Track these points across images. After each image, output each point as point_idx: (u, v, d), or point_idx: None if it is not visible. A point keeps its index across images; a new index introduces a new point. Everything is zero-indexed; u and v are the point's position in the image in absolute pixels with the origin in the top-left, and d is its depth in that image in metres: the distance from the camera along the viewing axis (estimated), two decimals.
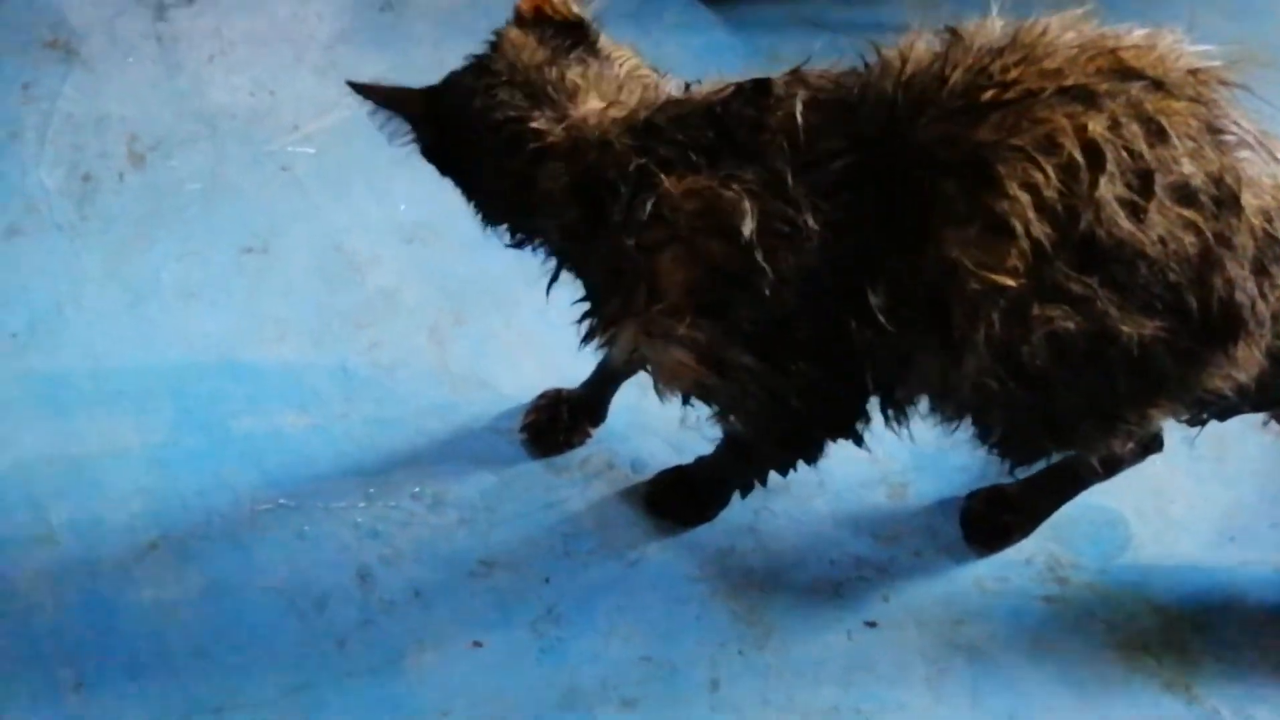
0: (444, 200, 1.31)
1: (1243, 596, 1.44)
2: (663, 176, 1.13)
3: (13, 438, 1.48)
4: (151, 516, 1.43)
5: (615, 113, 1.18)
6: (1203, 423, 1.32)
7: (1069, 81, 1.09)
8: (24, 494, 1.43)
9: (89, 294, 1.66)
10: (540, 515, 1.47)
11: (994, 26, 1.13)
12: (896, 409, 1.25)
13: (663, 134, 1.15)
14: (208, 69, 1.97)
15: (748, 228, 1.10)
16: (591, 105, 1.18)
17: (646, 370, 1.30)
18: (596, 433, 1.55)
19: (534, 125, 1.17)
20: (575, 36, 1.22)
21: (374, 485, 1.48)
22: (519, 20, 1.24)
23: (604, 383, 1.52)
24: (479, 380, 1.60)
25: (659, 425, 1.53)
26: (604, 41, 1.23)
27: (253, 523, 1.43)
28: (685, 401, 1.28)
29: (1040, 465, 1.38)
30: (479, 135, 1.20)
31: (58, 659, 1.29)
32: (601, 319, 1.24)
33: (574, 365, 1.48)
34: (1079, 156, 1.07)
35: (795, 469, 1.37)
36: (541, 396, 1.55)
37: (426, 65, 2.03)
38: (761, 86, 1.15)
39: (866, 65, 1.15)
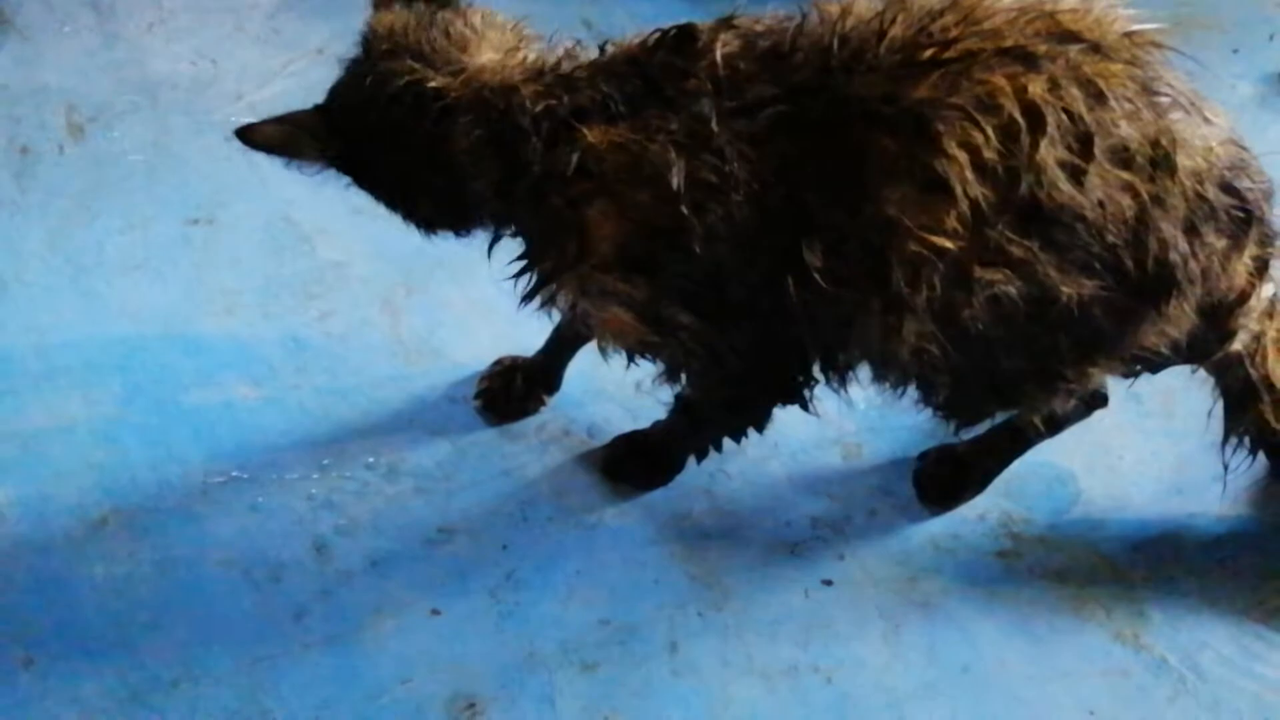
0: None
1: (1189, 547, 1.47)
2: (584, 128, 1.10)
3: None
4: (102, 491, 1.41)
5: (514, 60, 1.15)
6: (1136, 374, 1.34)
7: (1008, 42, 1.09)
8: None
9: (31, 269, 1.63)
10: (497, 482, 1.47)
11: None
12: (838, 373, 1.25)
13: (578, 84, 1.13)
14: (147, 38, 1.93)
15: (675, 179, 1.09)
16: (487, 56, 1.15)
17: (589, 331, 1.30)
18: (552, 400, 1.55)
19: (431, 84, 1.13)
20: (443, 14, 1.18)
21: (328, 456, 1.47)
22: (379, 4, 1.22)
23: (559, 350, 1.52)
24: (432, 349, 1.59)
25: (614, 391, 1.53)
26: (478, 6, 1.20)
27: (205, 496, 1.42)
28: (630, 360, 1.28)
29: (987, 424, 1.40)
30: (381, 119, 1.16)
31: (8, 637, 1.27)
32: (538, 277, 1.22)
33: (528, 333, 1.47)
34: (1019, 118, 1.07)
35: (746, 435, 1.38)
36: (496, 363, 1.55)
37: None
38: (686, 33, 1.13)
39: (804, 15, 1.14)
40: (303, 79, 1.92)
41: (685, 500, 1.47)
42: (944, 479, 1.49)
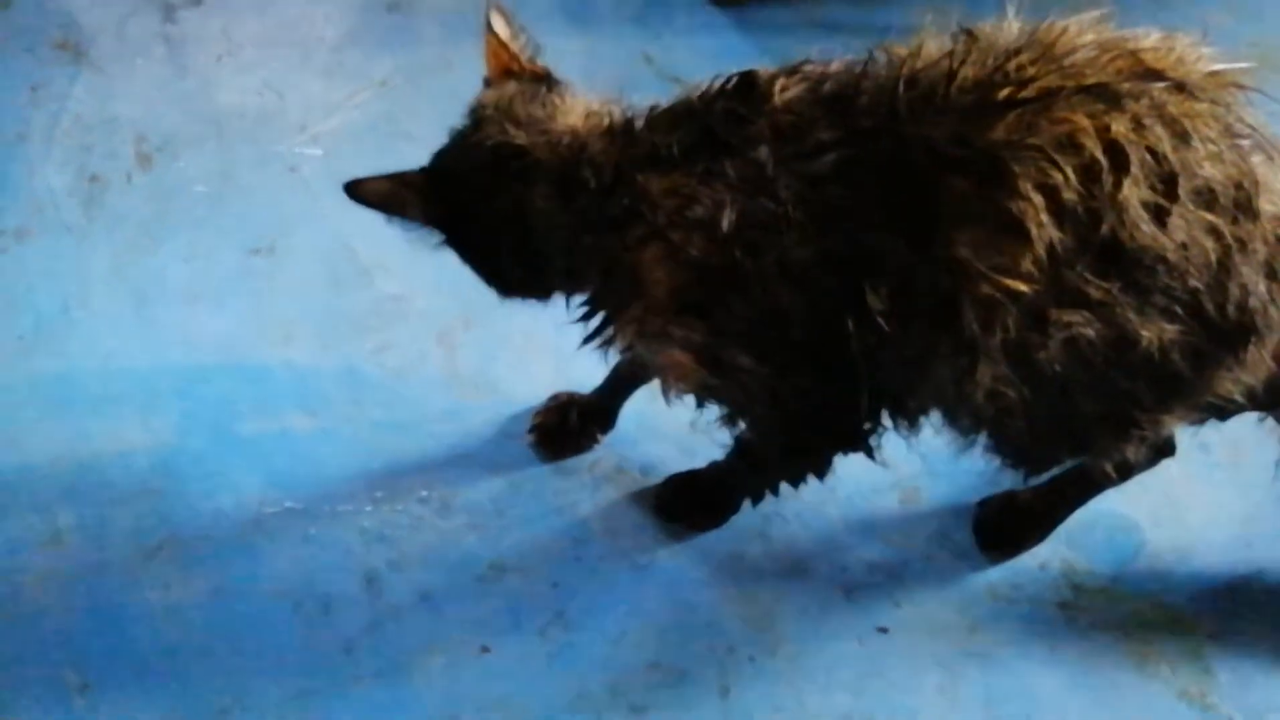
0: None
1: (1258, 602, 1.43)
2: (641, 176, 1.12)
3: (20, 439, 1.47)
4: (158, 518, 1.42)
5: (592, 122, 1.18)
6: (1204, 422, 1.31)
7: (1090, 80, 1.08)
8: (31, 495, 1.42)
9: (96, 295, 1.66)
10: (549, 519, 1.46)
11: (1011, 28, 1.12)
12: (909, 420, 1.23)
13: (640, 135, 1.15)
14: (215, 70, 1.97)
15: (726, 222, 1.09)
16: (571, 120, 1.19)
17: (652, 374, 1.30)
18: (606, 438, 1.54)
19: (516, 141, 1.16)
20: (545, 84, 1.22)
21: (381, 489, 1.47)
22: (490, 83, 1.25)
23: (617, 388, 1.51)
24: (488, 384, 1.59)
25: (669, 429, 1.52)
26: (573, 86, 1.24)
27: (259, 525, 1.42)
28: (699, 405, 1.27)
29: (1052, 471, 1.37)
30: (476, 181, 1.19)
31: (64, 661, 1.28)
32: (598, 320, 1.23)
33: (584, 370, 1.46)
34: (1101, 157, 1.05)
35: (805, 482, 1.36)
36: (552, 399, 1.54)
37: (434, 65, 2.05)
38: (747, 80, 1.13)
39: (871, 59, 1.13)
40: (366, 111, 1.95)
41: (739, 542, 1.45)
42: (1005, 526, 1.46)
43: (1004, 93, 1.07)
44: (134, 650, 1.30)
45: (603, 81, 2.03)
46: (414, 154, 1.88)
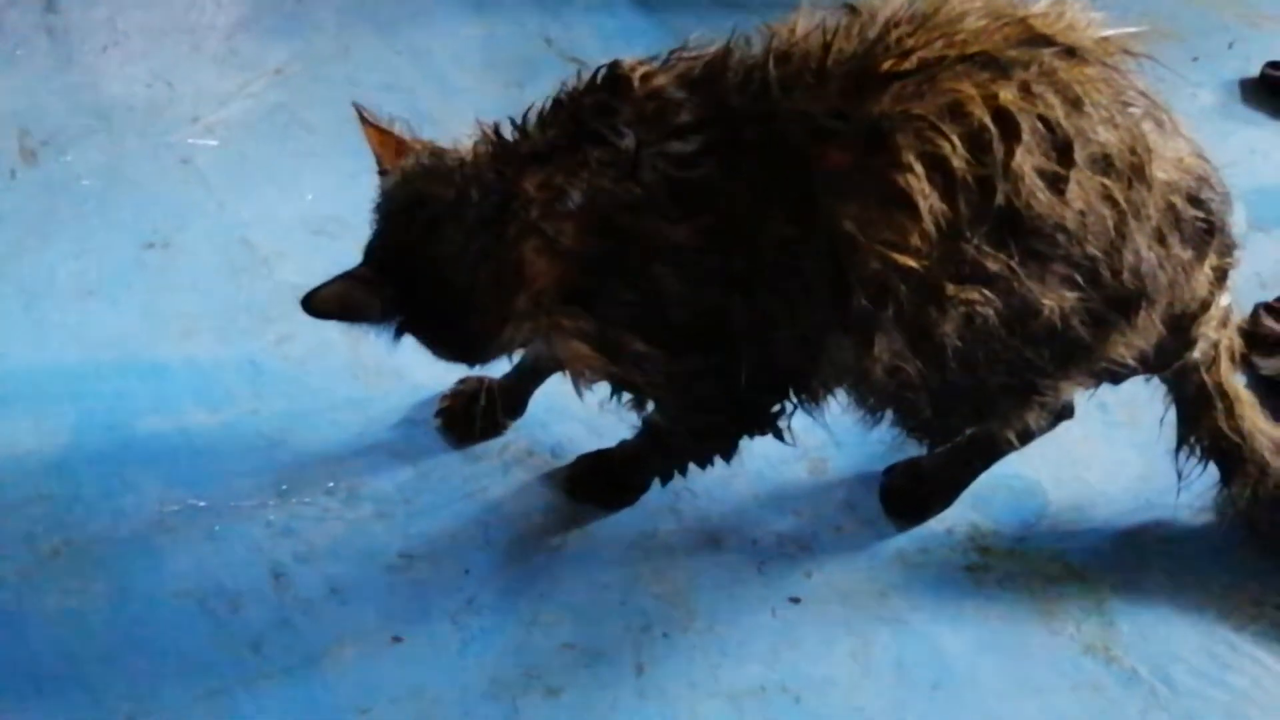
0: (353, 191, 1.29)
1: (1158, 557, 1.46)
2: (516, 175, 1.13)
3: None
4: (54, 521, 1.38)
5: (478, 147, 1.18)
6: (1098, 386, 1.34)
7: (973, 49, 1.08)
8: None
9: None
10: (459, 505, 1.45)
11: (896, 1, 1.12)
12: (814, 399, 1.24)
13: (516, 141, 1.16)
14: (102, 60, 1.91)
15: (589, 209, 1.10)
16: (459, 155, 1.19)
17: (560, 369, 1.30)
18: (514, 423, 1.52)
19: (419, 192, 1.16)
20: (430, 151, 1.22)
21: (286, 481, 1.45)
22: (384, 173, 1.25)
23: (526, 376, 1.50)
24: (393, 371, 1.57)
25: (578, 410, 1.49)
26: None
27: (161, 524, 1.39)
28: (612, 392, 1.27)
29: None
30: (404, 247, 1.18)
31: None
32: (495, 321, 1.22)
33: None
34: (990, 125, 1.06)
35: (712, 463, 1.36)
36: (460, 383, 1.52)
37: (331, 53, 2.02)
38: (613, 71, 1.14)
39: (739, 38, 1.13)
40: (260, 100, 1.91)
41: (650, 520, 1.45)
42: (911, 493, 1.48)
43: (885, 64, 1.07)
44: (32, 658, 1.27)
45: (504, 65, 2.02)
46: (312, 142, 1.86)
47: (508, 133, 1.18)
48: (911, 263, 1.07)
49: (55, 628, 1.29)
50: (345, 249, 1.28)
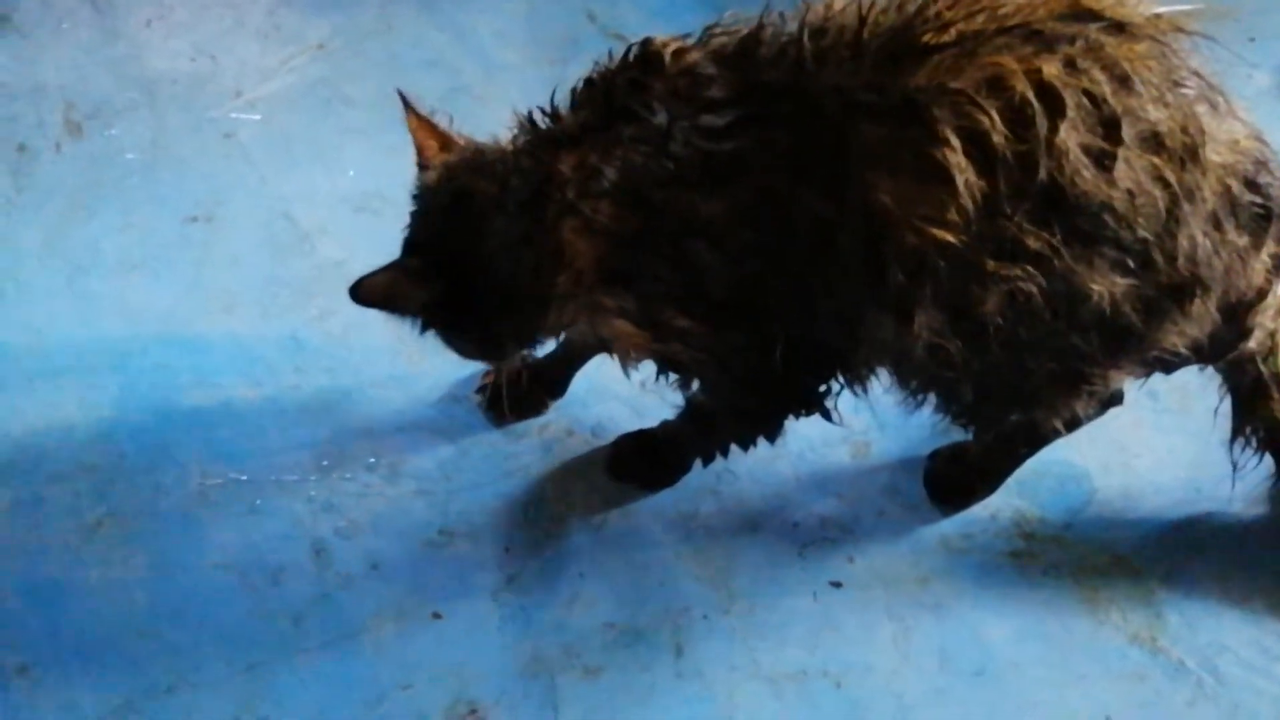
0: (394, 168, 1.28)
1: (1207, 547, 1.44)
2: (552, 158, 1.13)
3: None
4: (98, 494, 1.39)
5: (516, 137, 1.18)
6: (1150, 375, 1.31)
7: (1014, 22, 1.06)
8: None
9: (27, 268, 1.61)
10: (499, 483, 1.44)
11: None
12: (858, 378, 1.22)
13: (551, 125, 1.16)
14: (146, 34, 1.91)
15: (629, 186, 1.09)
16: (499, 146, 1.20)
17: (605, 350, 1.29)
18: (555, 404, 1.52)
19: (463, 187, 1.18)
20: (473, 147, 1.24)
21: (328, 457, 1.45)
22: (423, 167, 1.26)
23: (567, 356, 1.49)
24: (434, 348, 1.55)
25: (619, 389, 1.50)
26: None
27: (203, 498, 1.39)
28: (660, 372, 1.26)
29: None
30: (447, 239, 1.20)
31: (2, 643, 1.25)
32: (544, 306, 1.22)
33: None
34: (1033, 100, 1.03)
35: (755, 444, 1.34)
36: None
37: (373, 28, 2.01)
38: (645, 48, 1.13)
39: (781, 16, 1.12)
40: (303, 75, 1.90)
41: (691, 501, 1.44)
42: (955, 478, 1.46)
43: (923, 38, 1.05)
44: (75, 630, 1.28)
45: (546, 42, 2.01)
46: (354, 118, 1.86)
47: (540, 119, 1.17)
48: (949, 237, 1.05)
49: (98, 599, 1.30)
50: (386, 225, 1.28)
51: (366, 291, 1.20)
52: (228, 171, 1.75)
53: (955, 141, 1.03)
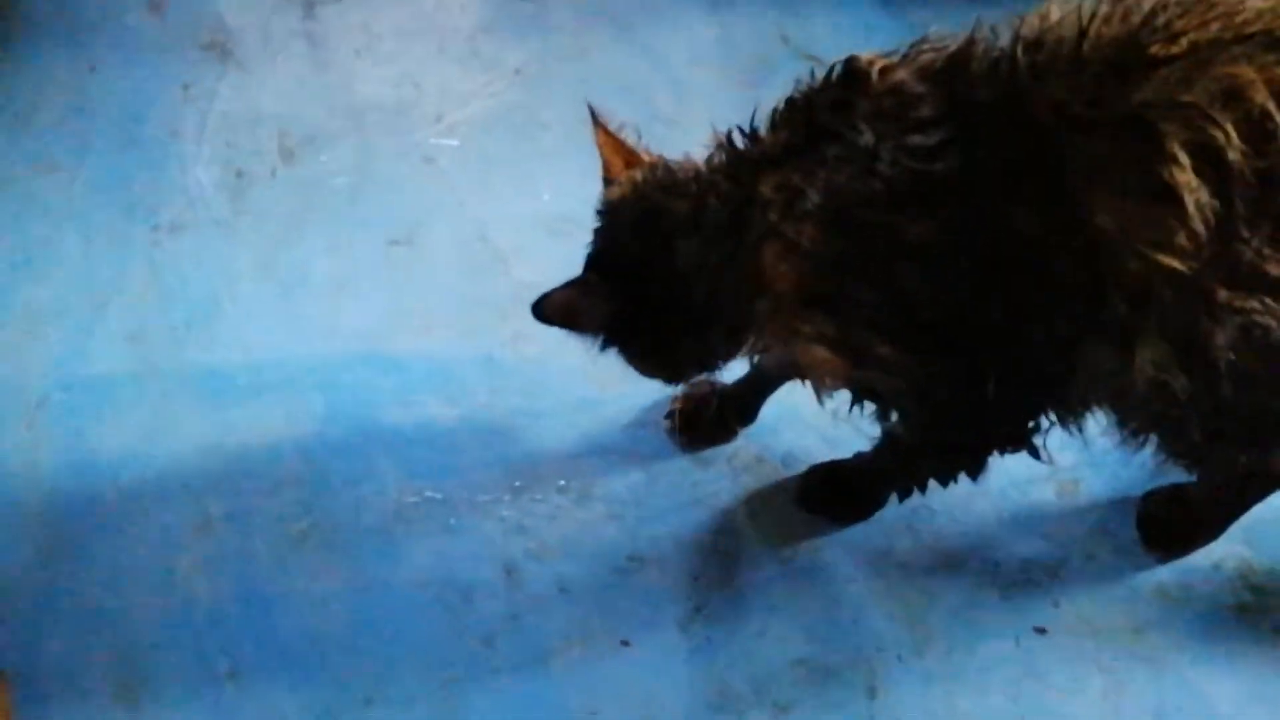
0: (587, 191, 1.29)
1: None
2: (752, 179, 1.11)
3: (171, 429, 1.51)
4: (302, 507, 1.44)
5: (711, 158, 1.18)
6: None
7: (1254, 28, 0.98)
8: (182, 484, 1.46)
9: (243, 288, 1.69)
10: (688, 511, 1.43)
11: None
12: (1070, 413, 1.15)
13: (750, 146, 1.14)
14: (354, 63, 1.99)
15: (834, 208, 1.06)
16: (692, 167, 1.19)
17: (800, 377, 1.26)
18: (744, 431, 1.50)
19: (654, 205, 1.17)
20: (661, 164, 1.23)
21: (520, 478, 1.46)
22: (609, 182, 1.26)
23: (758, 385, 1.47)
24: (626, 373, 1.56)
25: (811, 418, 1.46)
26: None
27: (400, 515, 1.43)
28: (855, 402, 1.23)
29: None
30: (631, 257, 1.20)
31: (214, 647, 1.31)
32: (736, 327, 1.21)
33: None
34: (1274, 111, 0.95)
35: (955, 480, 1.29)
36: (693, 385, 1.50)
37: (568, 53, 2.04)
38: (849, 67, 1.09)
39: (992, 30, 1.06)
40: (501, 100, 1.95)
41: (886, 536, 1.39)
42: (1173, 522, 1.37)
43: (1151, 49, 0.98)
44: (281, 638, 1.32)
45: (740, 64, 2.00)
46: (548, 141, 1.89)
47: (739, 140, 1.15)
48: (1176, 264, 0.98)
49: (302, 610, 1.35)
50: (579, 248, 1.28)
51: (549, 308, 1.21)
52: (428, 195, 1.80)
53: (1185, 159, 0.96)
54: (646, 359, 1.28)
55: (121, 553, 1.38)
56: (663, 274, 1.18)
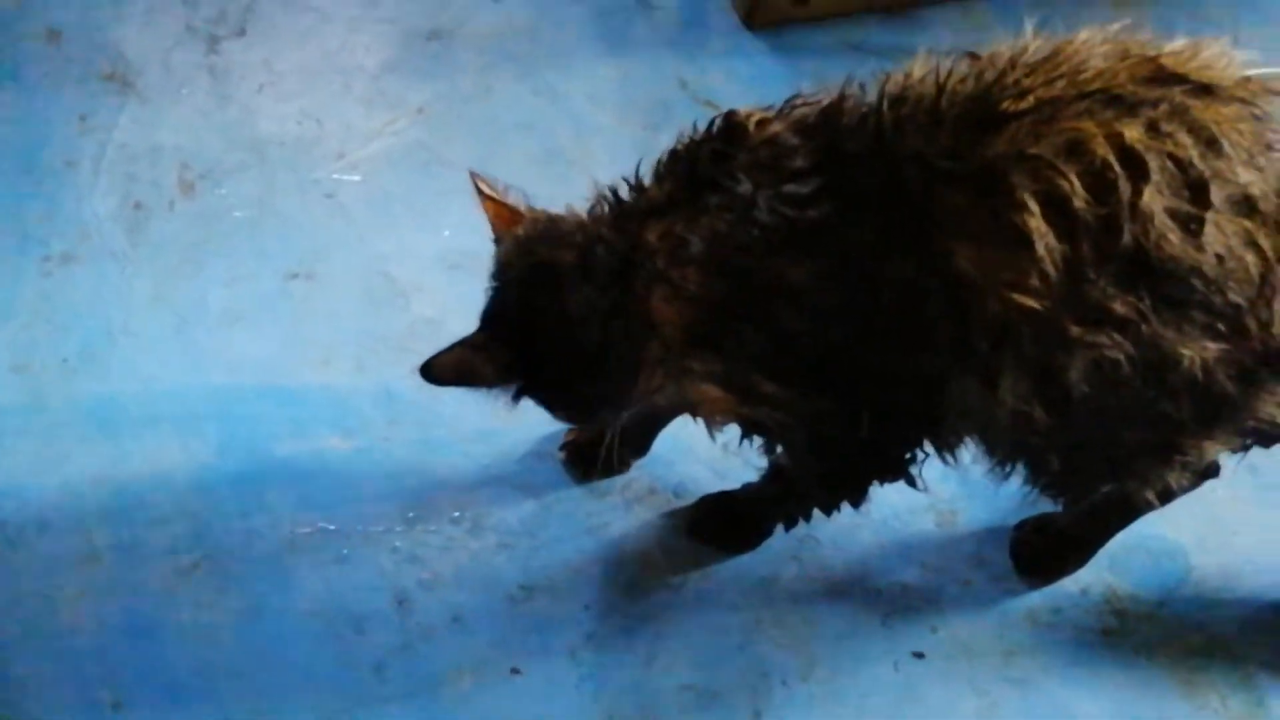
0: (488, 228, 1.31)
1: None
2: (638, 228, 1.14)
3: (62, 459, 1.49)
4: (194, 538, 1.43)
5: (595, 209, 1.20)
6: (1247, 448, 1.27)
7: (1094, 86, 1.05)
8: (71, 514, 1.44)
9: (138, 319, 1.67)
10: (581, 540, 1.45)
11: (1022, 44, 1.10)
12: (946, 446, 1.21)
13: (635, 197, 1.18)
14: (257, 99, 1.99)
15: (709, 253, 1.10)
16: (577, 218, 1.22)
17: (691, 413, 1.30)
18: (638, 462, 1.53)
19: (541, 260, 1.19)
20: (544, 219, 1.25)
21: (414, 509, 1.47)
22: (499, 240, 1.28)
23: (651, 417, 1.50)
24: (522, 405, 1.58)
25: (703, 451, 1.50)
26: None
27: (293, 545, 1.43)
28: (744, 436, 1.27)
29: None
30: (524, 313, 1.22)
31: (98, 679, 1.30)
32: (628, 371, 1.23)
33: None
34: (1114, 164, 1.03)
35: (839, 510, 1.34)
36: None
37: (472, 93, 2.07)
38: (729, 121, 1.15)
39: (861, 86, 1.13)
40: (404, 138, 1.96)
41: (772, 565, 1.43)
42: (1043, 550, 1.44)
43: (1001, 105, 1.05)
44: (167, 669, 1.32)
45: (639, 107, 2.05)
46: (450, 179, 1.90)
47: (624, 192, 1.19)
48: (1032, 303, 1.04)
49: (190, 639, 1.34)
50: (479, 283, 1.30)
51: (439, 369, 1.23)
52: (329, 230, 1.81)
53: (1034, 206, 1.02)
54: (556, 406, 1.30)
55: (1, 583, 1.36)
56: (555, 323, 1.20)
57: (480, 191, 1.30)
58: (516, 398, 1.28)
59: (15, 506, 1.44)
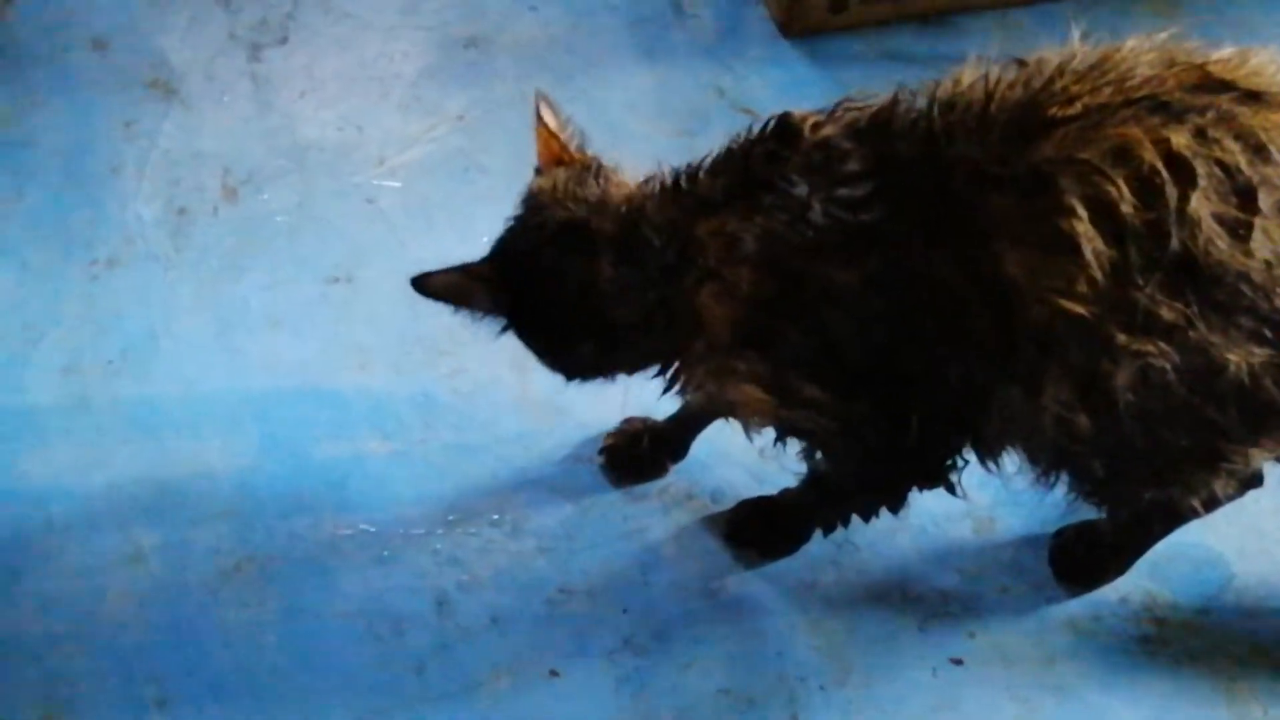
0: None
1: None
2: (691, 223, 1.15)
3: (106, 461, 1.52)
4: (236, 539, 1.45)
5: (646, 188, 1.21)
6: None
7: (1141, 93, 1.05)
8: (114, 515, 1.46)
9: (181, 323, 1.70)
10: (619, 544, 1.46)
11: (1070, 52, 1.11)
12: (989, 453, 1.21)
13: (689, 188, 1.18)
14: (298, 105, 2.02)
15: (763, 253, 1.11)
16: (625, 191, 1.22)
17: (729, 414, 1.30)
18: (675, 467, 1.53)
19: (578, 217, 1.19)
20: (594, 168, 1.25)
21: (454, 512, 1.49)
22: (540, 171, 1.28)
23: (689, 422, 1.51)
24: (559, 409, 1.60)
25: (740, 455, 1.51)
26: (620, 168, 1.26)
27: (333, 547, 1.44)
28: (779, 439, 1.27)
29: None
30: (543, 264, 1.21)
31: (142, 677, 1.31)
32: (671, 369, 1.25)
33: (656, 397, 1.46)
34: (1161, 169, 1.03)
35: (878, 515, 1.34)
36: (625, 423, 1.54)
37: (509, 100, 2.09)
38: (783, 122, 1.16)
39: (911, 92, 1.13)
40: (442, 145, 1.98)
41: (810, 570, 1.43)
42: (1083, 557, 1.43)
43: (1049, 111, 1.05)
44: (210, 668, 1.33)
45: (675, 114, 2.06)
46: (488, 185, 1.93)
47: (680, 179, 1.20)
48: (1078, 309, 1.04)
49: (232, 640, 1.36)
50: None
51: (432, 286, 1.23)
52: (368, 235, 1.83)
53: (1082, 211, 1.03)
54: (543, 354, 1.30)
55: (48, 581, 1.39)
56: (577, 287, 1.20)
57: (540, 118, 1.29)
58: (502, 331, 1.27)
59: (62, 506, 1.46)
